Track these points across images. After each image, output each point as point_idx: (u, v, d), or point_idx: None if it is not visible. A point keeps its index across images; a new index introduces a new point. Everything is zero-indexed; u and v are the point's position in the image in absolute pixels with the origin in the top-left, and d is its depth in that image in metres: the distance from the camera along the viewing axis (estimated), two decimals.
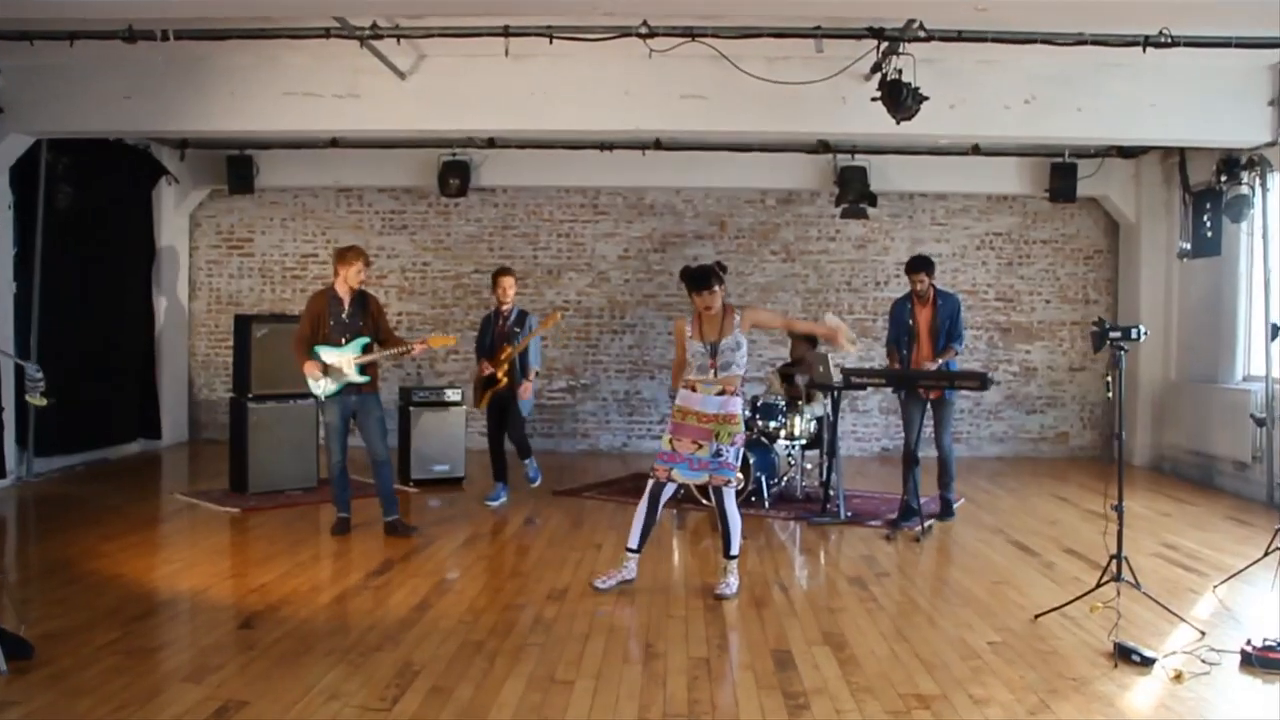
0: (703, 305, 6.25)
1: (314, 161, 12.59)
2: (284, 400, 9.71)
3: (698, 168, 12.29)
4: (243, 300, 13.42)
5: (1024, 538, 8.16)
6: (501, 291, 9.34)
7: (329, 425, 7.93)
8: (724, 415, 6.21)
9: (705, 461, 6.23)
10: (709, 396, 6.23)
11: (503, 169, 12.47)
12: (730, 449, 6.22)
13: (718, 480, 6.24)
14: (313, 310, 7.85)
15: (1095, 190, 12.30)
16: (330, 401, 7.84)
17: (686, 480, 6.35)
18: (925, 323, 8.69)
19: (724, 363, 6.20)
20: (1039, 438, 13.19)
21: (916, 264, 8.78)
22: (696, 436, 6.24)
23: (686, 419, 6.29)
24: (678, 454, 6.27)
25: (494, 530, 8.24)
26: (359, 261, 7.83)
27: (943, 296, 8.76)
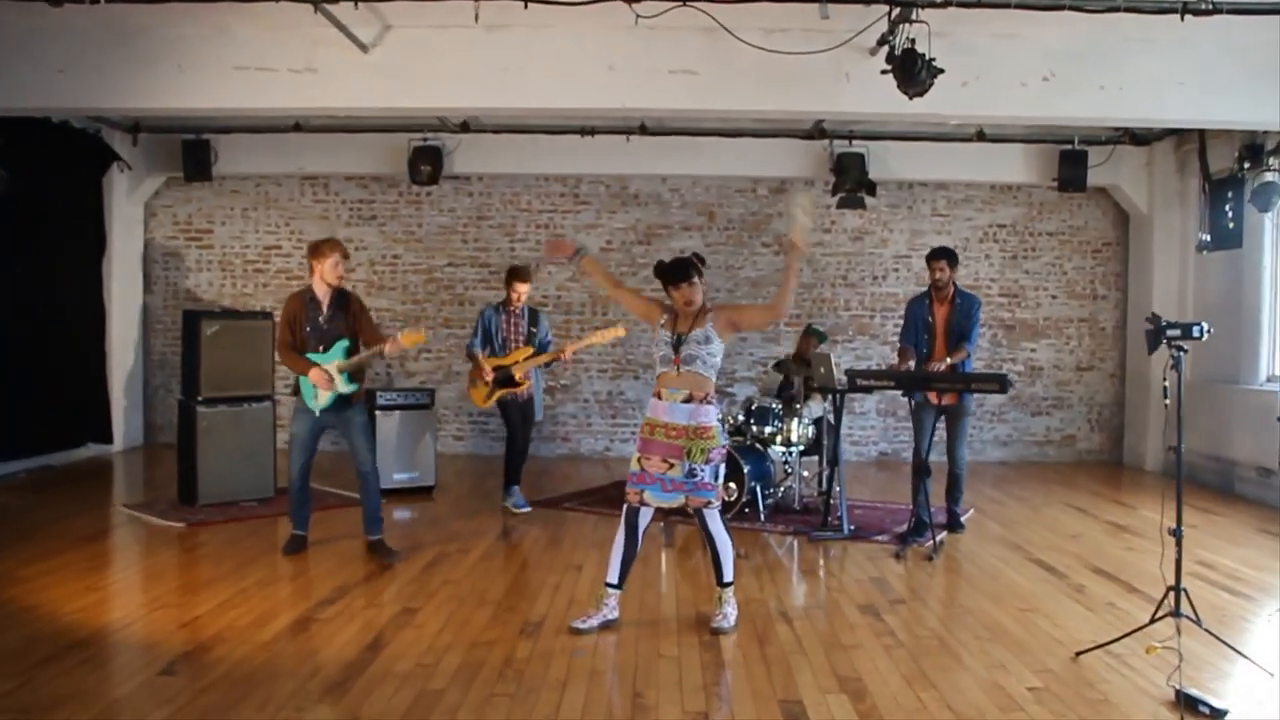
0: (683, 300, 5.53)
1: (276, 147, 11.81)
2: (237, 403, 8.95)
3: (685, 154, 11.57)
4: (202, 295, 12.62)
5: (1045, 555, 7.46)
6: (516, 296, 8.72)
7: (294, 436, 7.07)
8: (695, 428, 5.44)
9: (679, 482, 5.46)
10: (676, 405, 5.47)
11: (477, 155, 11.72)
12: (705, 468, 5.44)
13: (696, 502, 5.49)
14: (288, 313, 7.04)
15: (1105, 179, 11.62)
16: (302, 411, 7.04)
17: (660, 504, 5.56)
18: (942, 321, 7.99)
19: (688, 355, 5.46)
20: (1045, 441, 12.51)
21: (937, 251, 8.12)
22: (666, 454, 5.48)
23: (655, 433, 5.53)
24: (648, 474, 5.52)
25: (463, 548, 7.48)
26: (335, 253, 7.01)
27: (962, 295, 8.06)
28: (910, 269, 12.36)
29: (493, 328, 8.65)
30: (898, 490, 10.24)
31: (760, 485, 8.54)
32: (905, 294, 12.13)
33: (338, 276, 7.05)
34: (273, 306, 12.37)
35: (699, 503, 5.48)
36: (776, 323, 5.72)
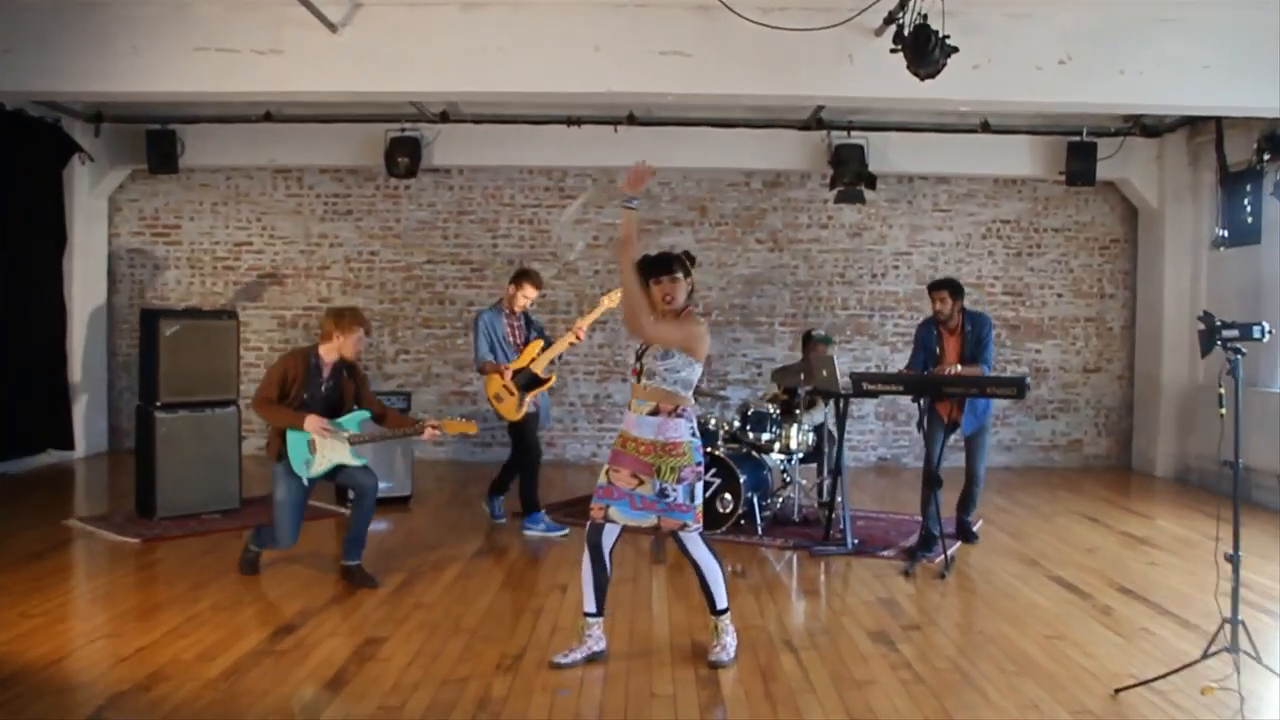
0: (661, 295, 4.92)
1: (246, 137, 11.23)
2: (199, 408, 8.39)
3: (676, 146, 11.05)
4: (169, 294, 12.03)
5: (1064, 571, 6.94)
6: (525, 300, 8.01)
7: (280, 503, 6.42)
8: (663, 444, 4.86)
9: (650, 501, 4.90)
10: (642, 417, 4.92)
11: (457, 146, 11.16)
12: (678, 488, 4.86)
13: (670, 525, 4.92)
14: (284, 370, 6.37)
15: (1114, 173, 11.12)
16: (285, 474, 6.39)
17: (628, 521, 4.98)
18: (953, 351, 7.47)
19: (648, 369, 4.92)
20: (1050, 445, 12.01)
21: (938, 282, 7.64)
22: (635, 469, 4.93)
23: (625, 446, 4.98)
24: (615, 488, 4.96)
25: (437, 566, 6.93)
26: (360, 329, 6.47)
27: (971, 319, 7.54)
28: (910, 266, 11.86)
29: (497, 333, 7.93)
30: (899, 499, 9.77)
31: (757, 496, 8.01)
32: (905, 292, 11.69)
33: (356, 353, 6.55)
34: (243, 305, 11.86)
35: (674, 525, 4.92)
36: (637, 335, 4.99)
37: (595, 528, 4.98)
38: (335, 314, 6.51)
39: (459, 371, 11.88)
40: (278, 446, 6.40)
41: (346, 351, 6.48)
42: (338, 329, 6.41)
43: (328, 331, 6.45)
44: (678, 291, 4.92)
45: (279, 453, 6.40)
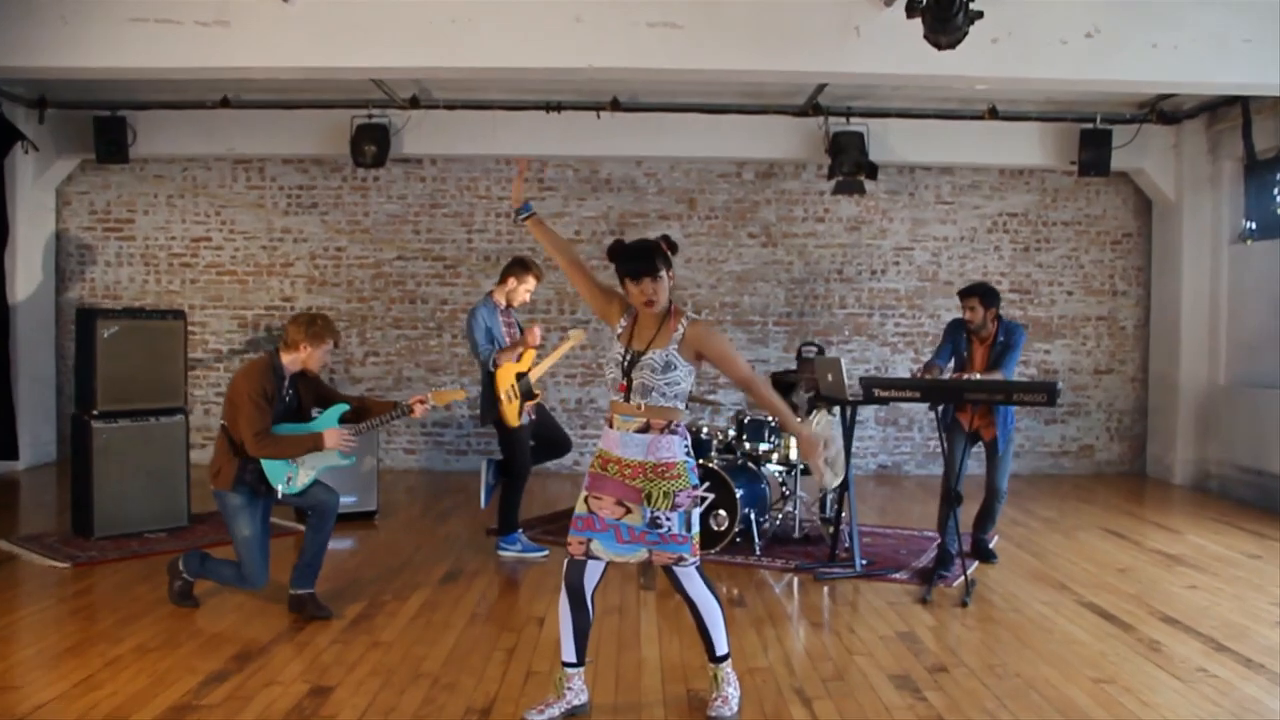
0: (641, 299, 4.19)
1: (202, 125, 10.47)
2: (141, 417, 7.64)
3: (663, 133, 10.33)
4: (122, 292, 11.26)
5: (1097, 597, 6.25)
6: (526, 293, 7.28)
7: (247, 539, 5.62)
8: (655, 466, 4.14)
9: (639, 532, 4.16)
10: (629, 435, 4.17)
11: (429, 134, 10.40)
12: (673, 515, 4.13)
13: (664, 559, 4.20)
14: (261, 389, 5.52)
15: (1128, 163, 10.45)
16: (246, 507, 5.62)
17: (614, 557, 4.23)
18: (981, 361, 6.81)
19: (641, 385, 4.14)
20: (1060, 451, 11.34)
21: (968, 289, 6.98)
22: (622, 495, 4.18)
23: (607, 468, 4.23)
24: (596, 517, 4.21)
25: (399, 594, 6.19)
26: (330, 341, 5.73)
27: (1006, 329, 6.89)
28: (912, 262, 11.17)
29: (496, 332, 7.14)
30: (904, 511, 9.12)
31: (755, 512, 7.30)
32: (906, 290, 11.03)
33: (322, 367, 5.83)
34: (202, 304, 11.12)
35: (668, 559, 4.18)
36: (748, 390, 4.34)
37: (575, 566, 4.23)
38: (306, 322, 5.69)
39: (432, 375, 11.14)
40: (233, 472, 5.58)
41: (313, 364, 5.72)
42: (308, 340, 5.63)
43: (295, 341, 5.65)
44: (661, 292, 4.16)
45: (234, 480, 5.58)
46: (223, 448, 5.65)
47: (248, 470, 5.58)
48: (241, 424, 5.49)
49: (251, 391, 5.50)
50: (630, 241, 4.33)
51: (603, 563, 4.23)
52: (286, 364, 5.68)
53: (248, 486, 5.60)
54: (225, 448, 5.63)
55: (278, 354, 5.68)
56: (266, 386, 5.55)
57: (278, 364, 5.66)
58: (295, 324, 5.69)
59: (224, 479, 5.60)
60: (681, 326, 4.17)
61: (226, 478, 5.59)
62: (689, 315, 4.24)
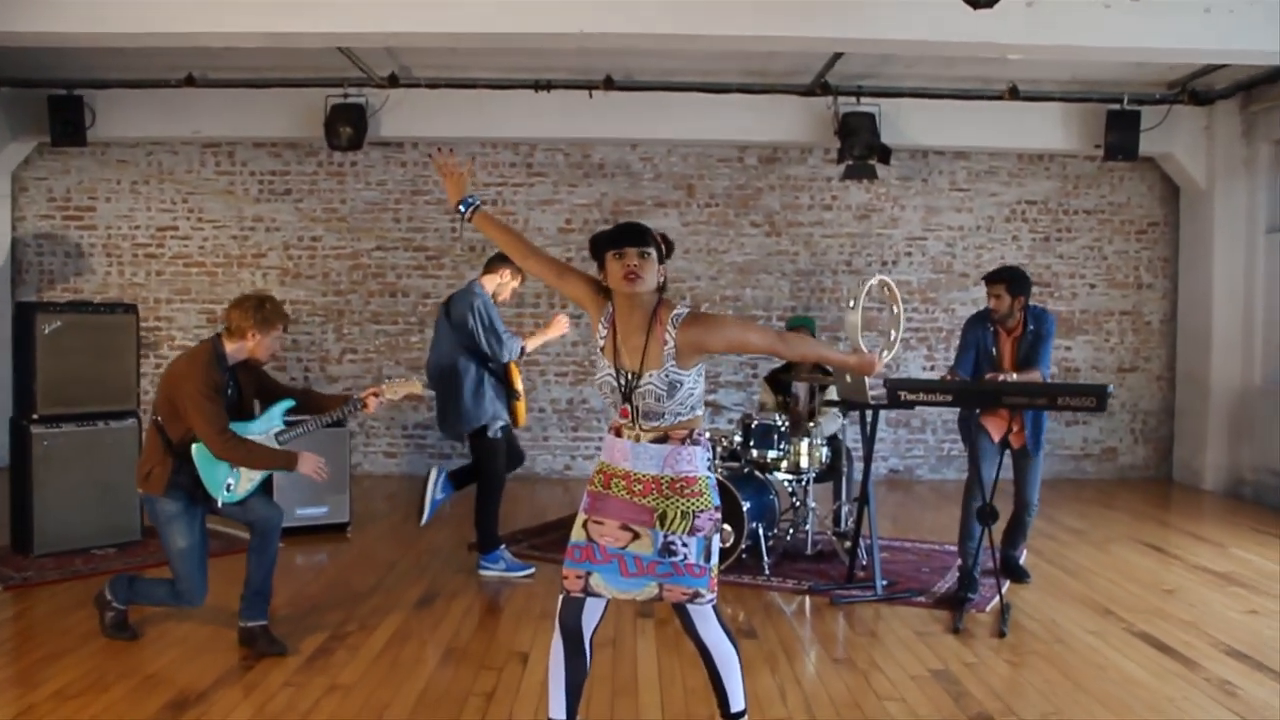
0: (622, 272, 3.38)
1: (165, 105, 9.79)
2: (87, 422, 6.95)
3: (660, 114, 9.69)
4: (84, 286, 10.56)
5: (1148, 624, 5.58)
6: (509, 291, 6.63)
7: (182, 551, 4.92)
8: (673, 481, 3.45)
9: (649, 563, 3.46)
10: (641, 445, 3.48)
11: (409, 115, 9.73)
12: (690, 541, 3.43)
13: (677, 595, 3.47)
14: (213, 383, 4.80)
15: (1155, 147, 9.79)
16: (184, 515, 4.92)
17: (617, 594, 3.50)
18: (1010, 356, 6.13)
19: (648, 410, 3.44)
20: (1081, 454, 10.68)
21: (994, 274, 6.23)
22: (629, 517, 3.48)
23: (612, 484, 3.52)
24: (597, 546, 3.50)
25: (366, 622, 5.50)
26: (280, 326, 5.01)
27: (1035, 317, 6.17)
28: (925, 252, 10.50)
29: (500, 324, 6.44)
30: (917, 519, 8.53)
31: (762, 526, 6.63)
32: (919, 282, 10.33)
33: (271, 356, 5.08)
34: (168, 298, 10.41)
35: (682, 595, 3.47)
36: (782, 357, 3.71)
37: (571, 606, 3.52)
38: (254, 306, 4.94)
39: (414, 373, 10.42)
40: (166, 475, 4.89)
41: (261, 354, 5.01)
42: (256, 326, 4.92)
43: (241, 328, 4.92)
44: (646, 271, 3.40)
45: (167, 484, 4.89)
46: (154, 448, 4.91)
47: (182, 473, 4.86)
48: (199, 424, 4.75)
49: (201, 387, 4.77)
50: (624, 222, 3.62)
51: (604, 600, 3.54)
52: (231, 353, 4.95)
53: (183, 491, 4.88)
54: (157, 448, 4.90)
55: (220, 341, 4.96)
56: (215, 378, 4.83)
57: (221, 352, 4.93)
58: (240, 309, 4.94)
59: (155, 483, 4.87)
60: (670, 336, 3.40)
61: (158, 481, 4.86)
62: (678, 311, 3.46)
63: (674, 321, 3.41)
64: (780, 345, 3.65)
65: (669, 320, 3.41)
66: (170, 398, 4.85)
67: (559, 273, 3.69)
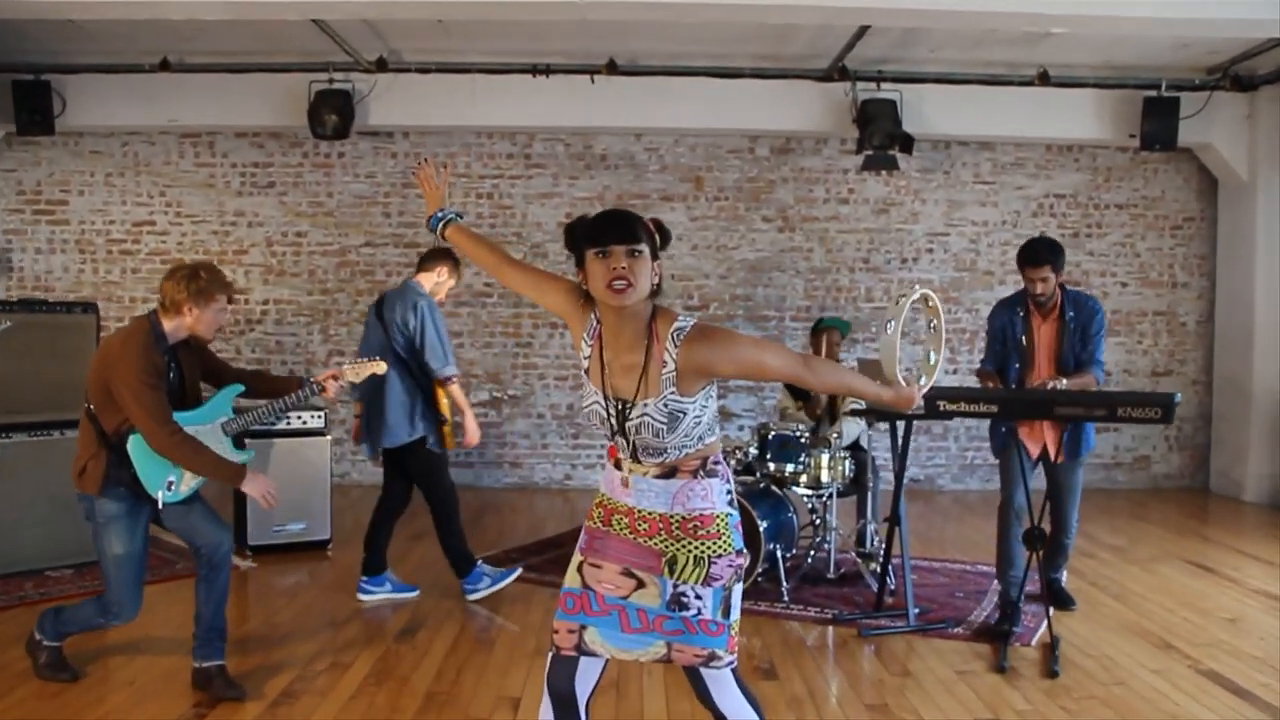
0: (607, 278, 2.68)
1: (140, 91, 9.21)
2: (41, 431, 6.36)
3: (666, 101, 9.12)
4: (55, 283, 9.95)
5: (1216, 661, 4.97)
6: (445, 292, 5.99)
7: (119, 557, 4.29)
8: (684, 520, 2.83)
9: (655, 617, 2.85)
10: (645, 479, 2.87)
11: (399, 102, 9.15)
12: (706, 593, 2.81)
13: (688, 657, 2.84)
14: (154, 364, 4.17)
15: (1192, 136, 9.19)
16: (122, 514, 4.29)
17: (618, 653, 2.87)
18: (1048, 342, 5.52)
19: (646, 445, 2.82)
20: (1112, 463, 10.08)
21: (1036, 253, 5.47)
22: (632, 561, 2.87)
23: (614, 523, 2.92)
24: (593, 595, 2.89)
25: (340, 658, 4.91)
26: (221, 298, 4.35)
27: (1074, 301, 5.55)
28: (947, 249, 9.89)
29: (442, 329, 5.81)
30: (940, 532, 8.06)
31: (781, 547, 6.03)
32: (941, 281, 9.73)
33: (214, 331, 4.43)
34: (144, 297, 9.82)
35: (695, 657, 2.83)
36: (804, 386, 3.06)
37: (562, 666, 2.88)
38: (187, 277, 4.26)
39: None
40: (101, 470, 4.23)
41: (202, 330, 4.34)
42: (192, 300, 4.25)
43: (176, 303, 4.26)
44: (638, 274, 2.71)
45: (103, 482, 4.24)
46: (87, 440, 4.29)
47: (123, 470, 4.22)
48: (138, 415, 4.12)
49: (139, 373, 4.12)
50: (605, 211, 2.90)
51: (601, 660, 2.92)
52: (169, 331, 4.30)
53: (124, 490, 4.24)
54: (91, 440, 4.27)
55: (157, 318, 4.31)
56: (155, 361, 4.18)
57: (160, 331, 4.28)
58: (173, 281, 4.27)
59: (90, 480, 4.25)
60: (670, 357, 2.74)
61: (93, 479, 4.24)
62: (680, 324, 2.78)
63: (675, 337, 2.75)
64: (804, 372, 2.90)
65: (669, 336, 2.75)
66: (104, 383, 4.20)
67: (535, 283, 3.07)
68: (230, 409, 4.51)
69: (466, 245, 3.22)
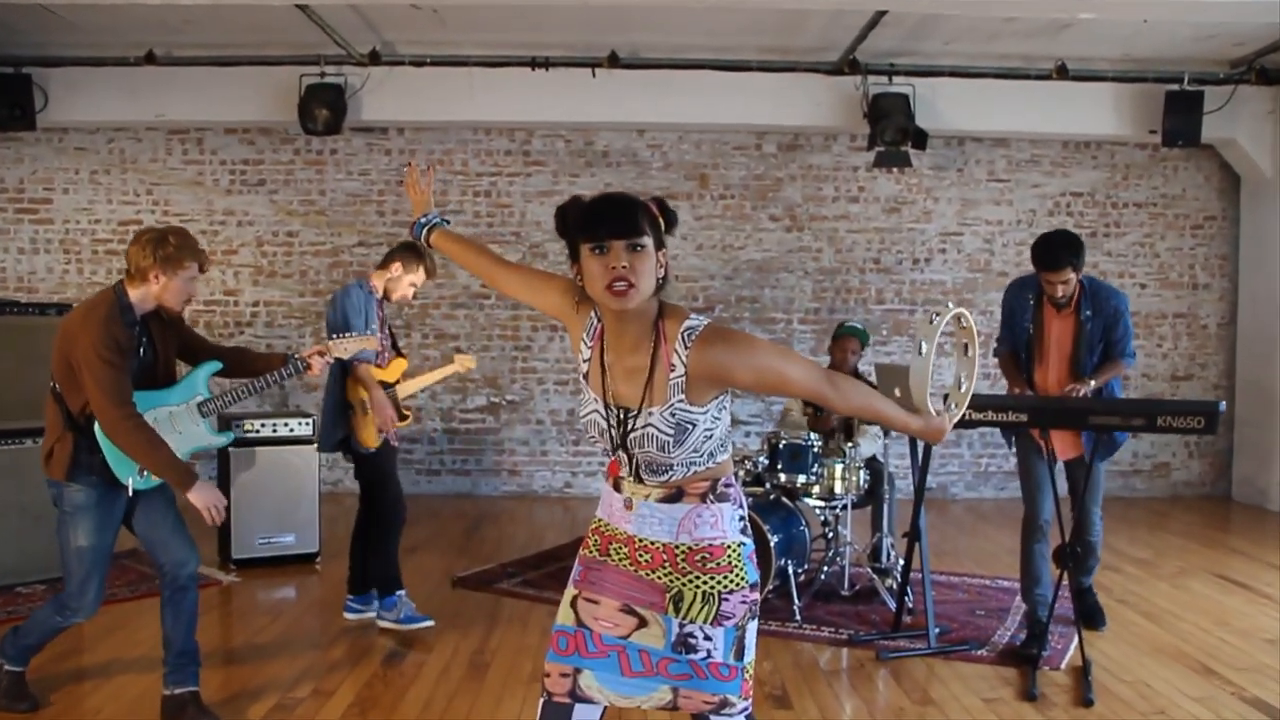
0: (607, 279, 2.34)
1: (125, 85, 8.89)
2: (10, 440, 6.07)
3: (670, 96, 8.80)
4: (39, 284, 9.63)
5: (1261, 688, 4.64)
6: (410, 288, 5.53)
7: (82, 550, 3.94)
8: (691, 551, 2.48)
9: (659, 660, 2.49)
10: (648, 504, 2.51)
11: (393, 96, 8.82)
12: (716, 633, 2.47)
13: (697, 704, 2.49)
14: (115, 338, 3.80)
15: (1216, 132, 8.86)
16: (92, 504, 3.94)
17: (616, 699, 2.52)
18: (1059, 338, 5.15)
19: (651, 461, 2.47)
20: (1131, 470, 9.75)
21: (1055, 255, 4.98)
22: (632, 596, 2.53)
23: (611, 551, 2.58)
24: (589, 634, 2.54)
25: (321, 686, 4.58)
26: (192, 265, 3.96)
27: (1093, 298, 5.15)
28: (960, 249, 9.57)
29: (371, 323, 5.32)
30: (953, 543, 7.77)
31: (793, 562, 5.71)
32: (954, 282, 9.43)
33: (184, 302, 4.05)
34: None
35: (705, 704, 2.48)
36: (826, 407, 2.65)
37: (555, 713, 2.53)
38: (153, 241, 3.88)
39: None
40: (68, 454, 3.89)
41: (170, 300, 3.96)
42: (160, 266, 3.86)
43: (142, 269, 3.88)
44: (641, 273, 2.35)
45: (69, 467, 3.89)
46: (53, 422, 3.95)
47: (93, 455, 3.87)
48: (93, 392, 3.77)
49: (99, 346, 3.76)
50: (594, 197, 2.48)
51: (599, 707, 2.57)
52: (136, 302, 3.93)
53: (94, 478, 3.90)
54: (57, 422, 3.93)
55: (123, 288, 3.95)
56: (117, 334, 3.81)
57: (126, 302, 3.91)
58: (139, 245, 3.90)
59: (56, 466, 3.91)
60: (679, 360, 2.41)
61: (59, 464, 3.90)
62: (691, 323, 2.44)
63: (685, 338, 2.42)
64: (828, 390, 2.48)
65: (678, 336, 2.42)
66: (66, 359, 3.85)
67: (529, 284, 2.73)
68: (206, 388, 4.16)
69: (453, 251, 2.91)
